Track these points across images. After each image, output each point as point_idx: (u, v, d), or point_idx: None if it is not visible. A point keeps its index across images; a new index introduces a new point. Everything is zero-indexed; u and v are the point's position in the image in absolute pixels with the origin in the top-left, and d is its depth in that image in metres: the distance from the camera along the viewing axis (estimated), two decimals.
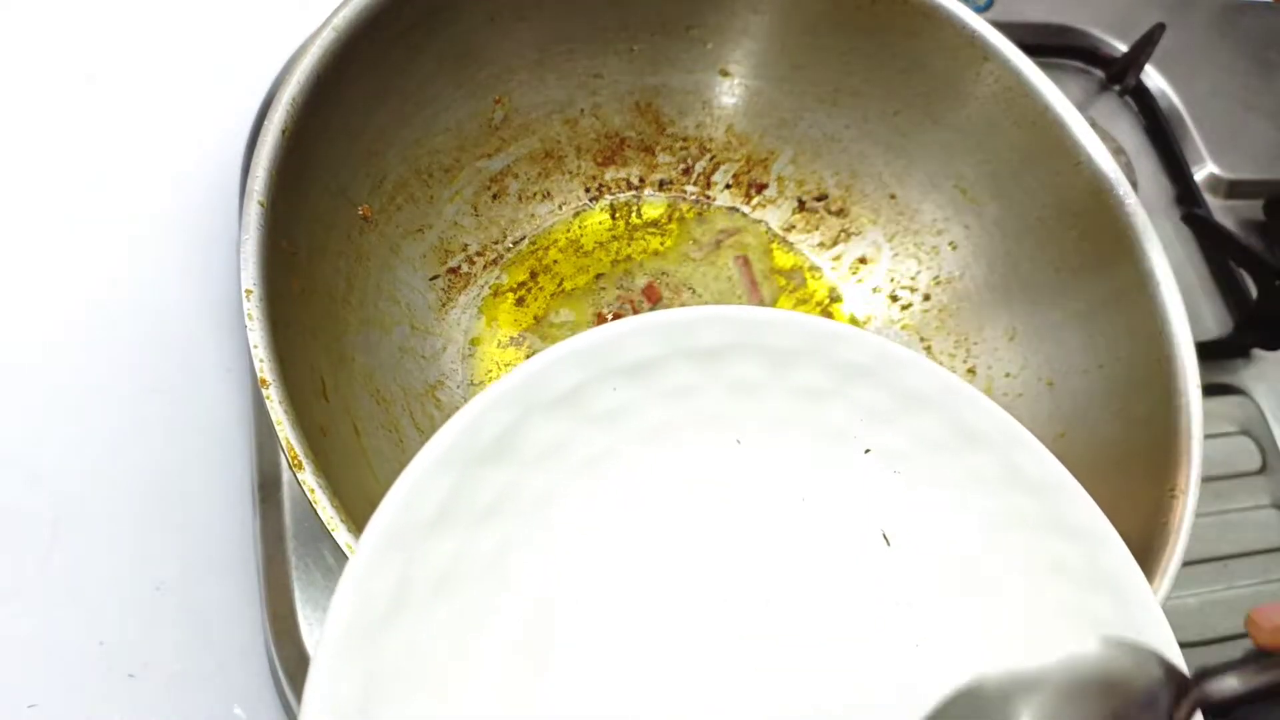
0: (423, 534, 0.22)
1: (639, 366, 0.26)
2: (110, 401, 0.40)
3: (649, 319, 0.26)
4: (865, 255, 0.47)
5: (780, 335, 0.27)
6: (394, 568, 0.21)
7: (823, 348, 0.27)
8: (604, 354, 0.26)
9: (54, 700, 0.34)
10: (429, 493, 0.23)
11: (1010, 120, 0.42)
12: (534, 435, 0.25)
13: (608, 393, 0.26)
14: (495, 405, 0.24)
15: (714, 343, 0.27)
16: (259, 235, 0.30)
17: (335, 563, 0.36)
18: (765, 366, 0.27)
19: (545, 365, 0.25)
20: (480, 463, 0.24)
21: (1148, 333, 0.37)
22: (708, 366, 0.27)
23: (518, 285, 0.44)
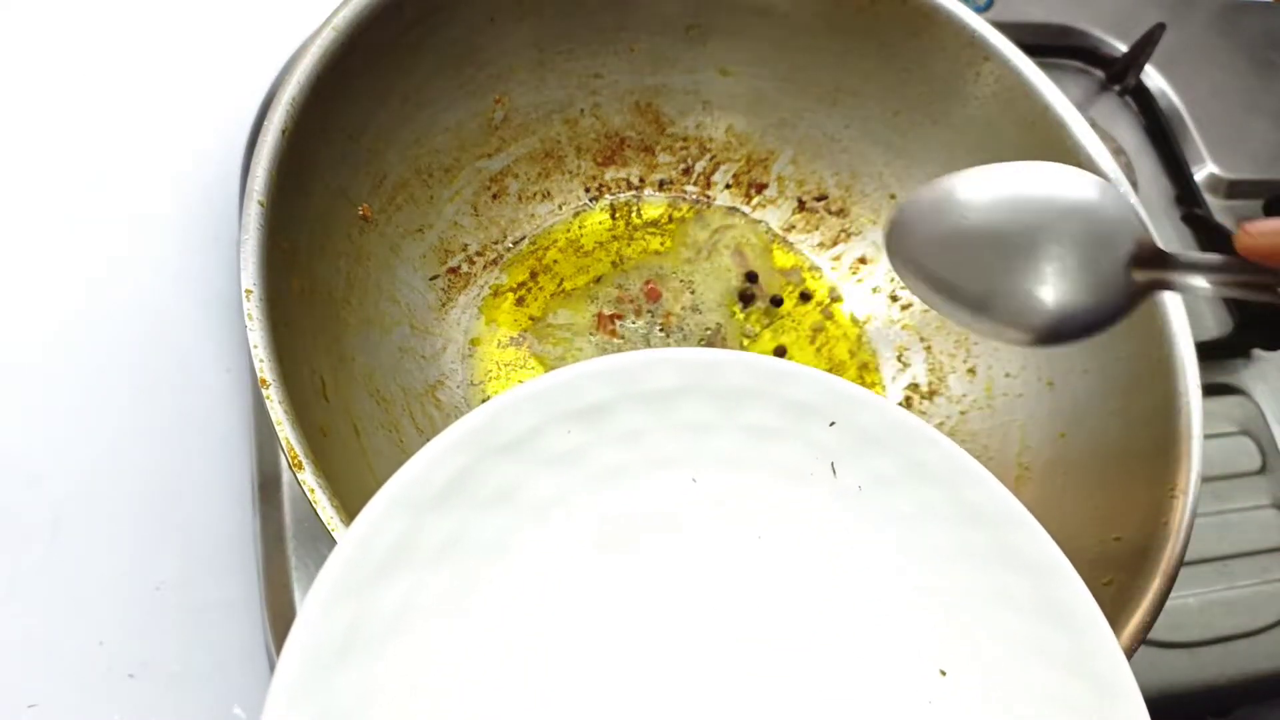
0: (372, 578, 0.23)
1: (592, 410, 0.26)
2: (110, 401, 0.40)
3: (599, 364, 0.27)
4: (865, 255, 0.47)
5: (729, 376, 0.27)
6: (346, 612, 0.22)
7: (771, 388, 0.28)
8: (558, 398, 0.26)
9: (54, 700, 0.34)
10: (380, 537, 0.23)
11: (1010, 120, 0.42)
12: (488, 478, 0.25)
13: (562, 435, 0.26)
14: (449, 450, 0.24)
15: (665, 386, 0.27)
16: (259, 235, 0.30)
17: None
18: (716, 408, 0.27)
19: (499, 409, 0.25)
20: (434, 505, 0.24)
21: (1148, 333, 0.37)
22: (659, 408, 0.27)
23: (518, 285, 0.44)
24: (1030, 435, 0.40)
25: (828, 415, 0.28)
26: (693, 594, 0.26)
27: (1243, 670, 0.44)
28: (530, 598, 0.25)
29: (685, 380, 0.27)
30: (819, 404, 0.28)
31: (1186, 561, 0.32)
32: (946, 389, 0.44)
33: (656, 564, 0.26)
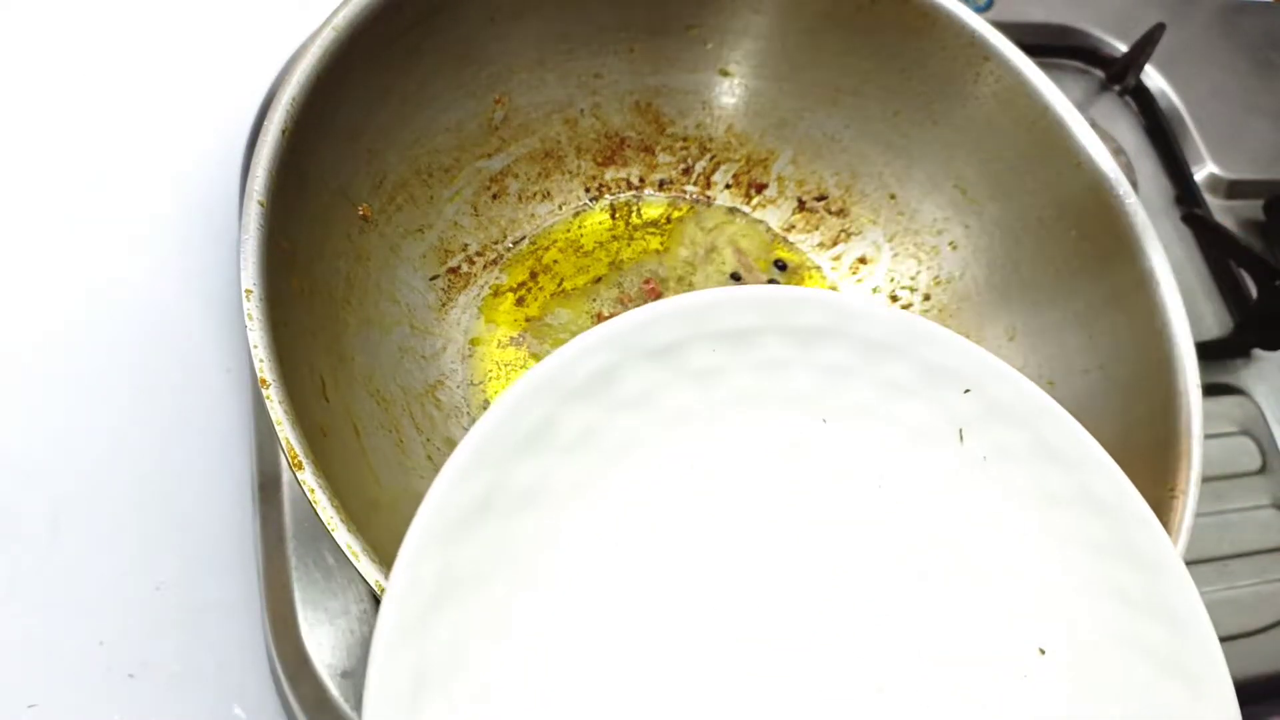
0: (511, 453, 0.23)
1: (739, 334, 0.27)
2: (110, 401, 0.40)
3: (753, 292, 0.27)
4: (865, 255, 0.47)
5: (873, 329, 0.28)
6: (482, 480, 0.23)
7: (912, 347, 0.28)
8: (708, 316, 0.26)
9: (54, 700, 0.34)
10: (523, 417, 0.24)
11: (1010, 120, 0.42)
12: (631, 380, 0.26)
13: (707, 354, 0.26)
14: (599, 345, 0.25)
15: (813, 323, 0.27)
16: (259, 235, 0.30)
17: (335, 563, 0.37)
18: (860, 356, 0.28)
19: (654, 317, 0.26)
20: (576, 396, 0.25)
21: (1148, 333, 0.37)
22: (803, 346, 0.27)
23: (518, 285, 0.44)
24: None
25: (965, 382, 0.28)
26: (807, 532, 0.27)
27: (1243, 670, 0.44)
28: (655, 497, 0.26)
29: (831, 322, 0.27)
30: (958, 369, 0.28)
31: (1186, 561, 0.32)
32: None
33: (777, 495, 0.27)
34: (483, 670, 0.22)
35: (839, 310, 0.28)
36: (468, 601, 0.23)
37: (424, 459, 0.36)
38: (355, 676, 0.35)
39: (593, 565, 0.25)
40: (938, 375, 0.28)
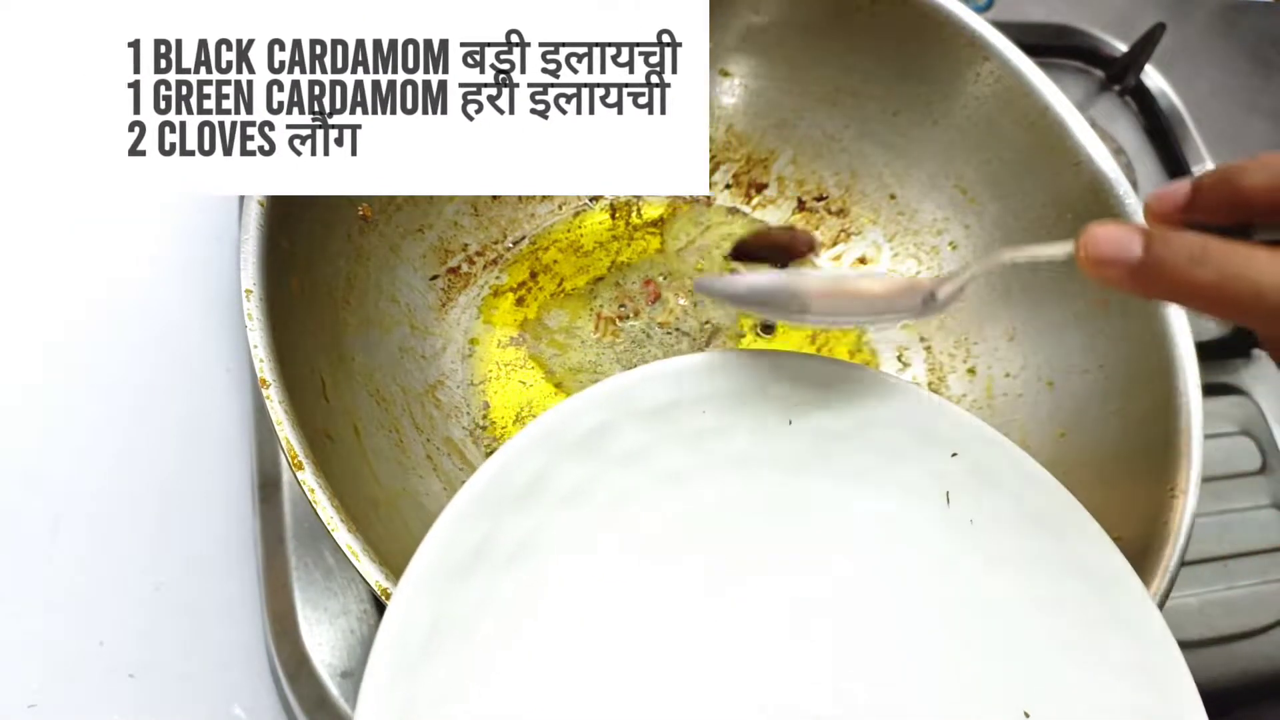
0: (507, 506, 0.24)
1: (732, 396, 0.28)
2: (110, 401, 0.40)
3: (726, 359, 0.28)
4: (865, 255, 0.47)
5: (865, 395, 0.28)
6: (479, 529, 0.24)
7: (904, 411, 0.28)
8: (700, 380, 0.27)
9: (54, 700, 0.34)
10: (519, 471, 0.25)
11: (1010, 120, 0.42)
12: (622, 439, 0.26)
13: (698, 416, 0.27)
14: (592, 405, 0.26)
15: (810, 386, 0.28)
16: (259, 235, 0.30)
17: (335, 563, 0.37)
18: (850, 420, 0.28)
19: (645, 378, 0.27)
20: (570, 453, 0.25)
21: (1148, 333, 0.37)
22: (797, 410, 0.28)
23: (517, 285, 0.44)
24: (1030, 435, 0.40)
25: (952, 446, 0.28)
26: (794, 591, 0.27)
27: (1243, 670, 0.44)
28: (642, 553, 0.26)
29: (824, 388, 0.28)
30: (949, 435, 0.28)
31: (1186, 561, 0.32)
32: (946, 389, 0.44)
33: (765, 554, 0.27)
34: (470, 713, 0.23)
35: (820, 368, 0.28)
36: (458, 647, 0.23)
37: (424, 459, 0.36)
38: (355, 676, 0.35)
39: (578, 616, 0.25)
40: (928, 438, 0.28)
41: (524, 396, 0.41)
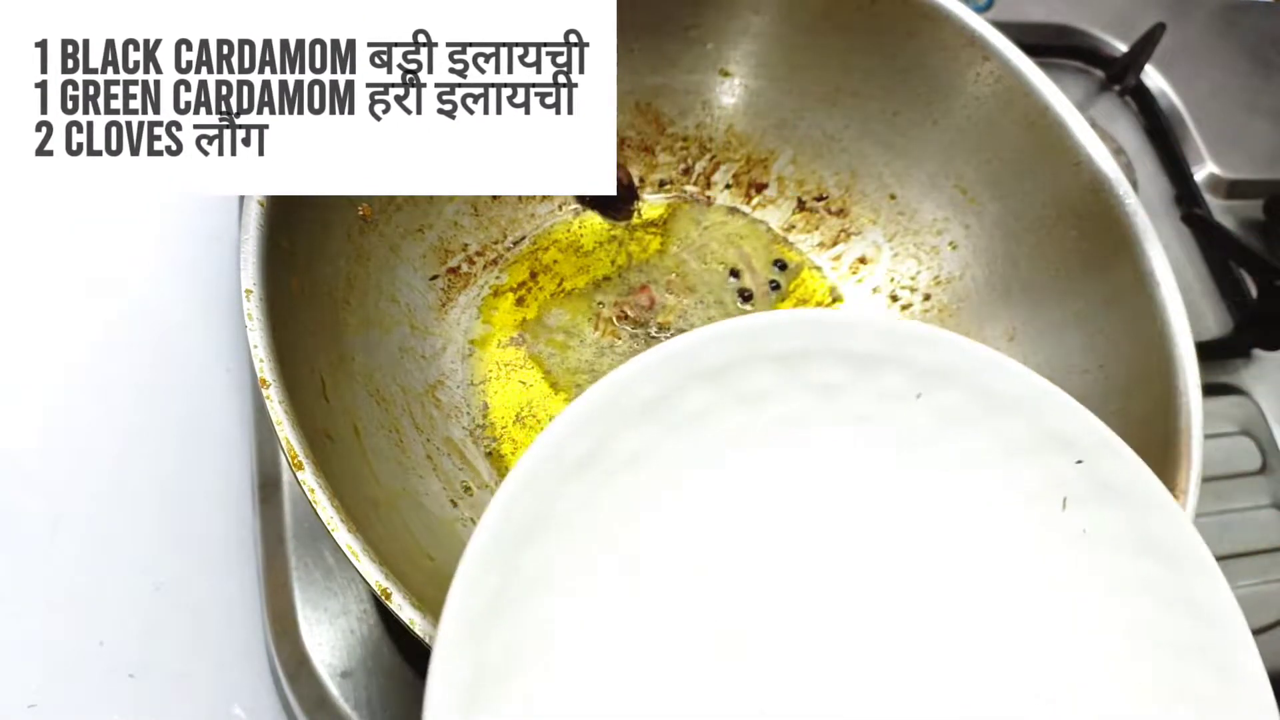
0: (564, 477, 0.24)
1: (786, 356, 0.27)
2: (110, 401, 0.40)
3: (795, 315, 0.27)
4: (865, 255, 0.47)
5: (997, 379, 0.28)
6: (534, 500, 0.24)
7: (1034, 412, 0.28)
8: (767, 338, 0.27)
9: (54, 700, 0.34)
10: (578, 440, 0.24)
11: (1010, 120, 0.42)
12: (685, 401, 0.26)
13: (763, 375, 0.27)
14: (653, 368, 0.25)
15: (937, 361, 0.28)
16: (259, 235, 0.30)
17: (335, 563, 0.36)
18: (979, 405, 0.28)
19: (702, 341, 0.26)
20: (633, 419, 0.25)
21: (1148, 333, 0.37)
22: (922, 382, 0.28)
23: (518, 285, 0.44)
24: None
25: (1079, 452, 0.27)
26: (872, 573, 0.27)
27: None
28: (759, 475, 0.26)
29: (954, 362, 0.28)
30: (1076, 438, 0.28)
31: None
32: None
33: (843, 533, 0.27)
34: (531, 676, 0.23)
35: (963, 351, 0.28)
36: (520, 612, 0.23)
37: (424, 459, 0.36)
38: (355, 676, 0.35)
39: (682, 534, 0.25)
40: (1058, 442, 0.28)
41: (524, 397, 0.41)
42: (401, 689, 0.35)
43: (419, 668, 0.35)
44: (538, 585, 0.23)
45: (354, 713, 0.34)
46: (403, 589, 0.25)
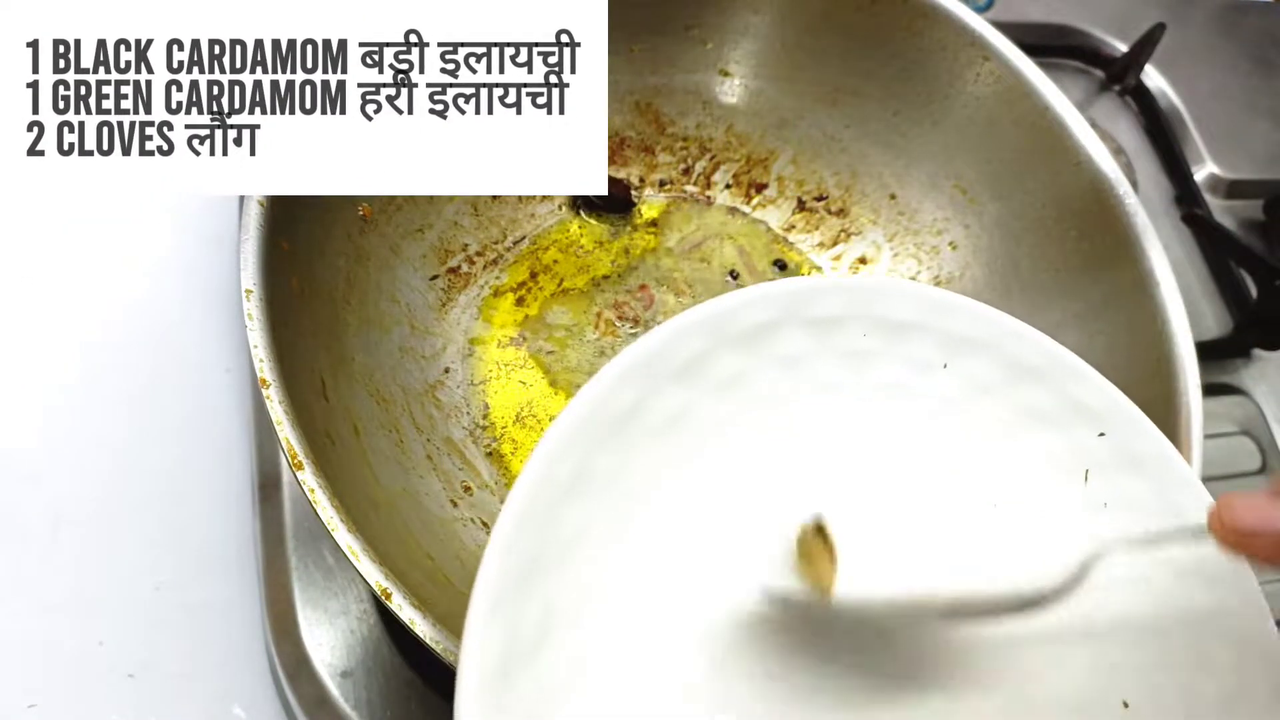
0: (603, 437, 0.24)
1: (822, 321, 0.27)
2: (110, 401, 0.40)
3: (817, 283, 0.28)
4: (865, 255, 0.47)
5: (1022, 346, 0.28)
6: (572, 459, 0.24)
7: (1059, 377, 0.28)
8: (796, 303, 0.27)
9: (54, 700, 0.34)
10: (617, 399, 0.24)
11: (1010, 120, 0.42)
12: (721, 365, 0.26)
13: (795, 339, 0.27)
14: (691, 329, 0.26)
15: (967, 332, 0.28)
16: (259, 235, 0.30)
17: (335, 563, 0.36)
18: (1003, 373, 0.28)
19: (744, 302, 0.26)
20: (671, 378, 0.25)
21: (1148, 333, 0.37)
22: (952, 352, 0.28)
23: (517, 285, 0.44)
24: None
25: (1102, 424, 0.28)
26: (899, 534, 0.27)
27: None
28: (789, 441, 0.27)
29: (983, 334, 0.28)
30: (1099, 410, 0.28)
31: None
32: None
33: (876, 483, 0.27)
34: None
35: (990, 322, 0.28)
36: (555, 577, 0.23)
37: (424, 459, 0.36)
38: (355, 676, 0.35)
39: (718, 491, 0.25)
40: (1079, 412, 0.28)
41: (524, 396, 0.41)
42: (401, 689, 0.35)
43: (419, 668, 0.35)
44: (574, 548, 0.23)
45: (354, 713, 0.34)
46: (403, 589, 0.25)
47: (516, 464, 0.39)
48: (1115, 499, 0.27)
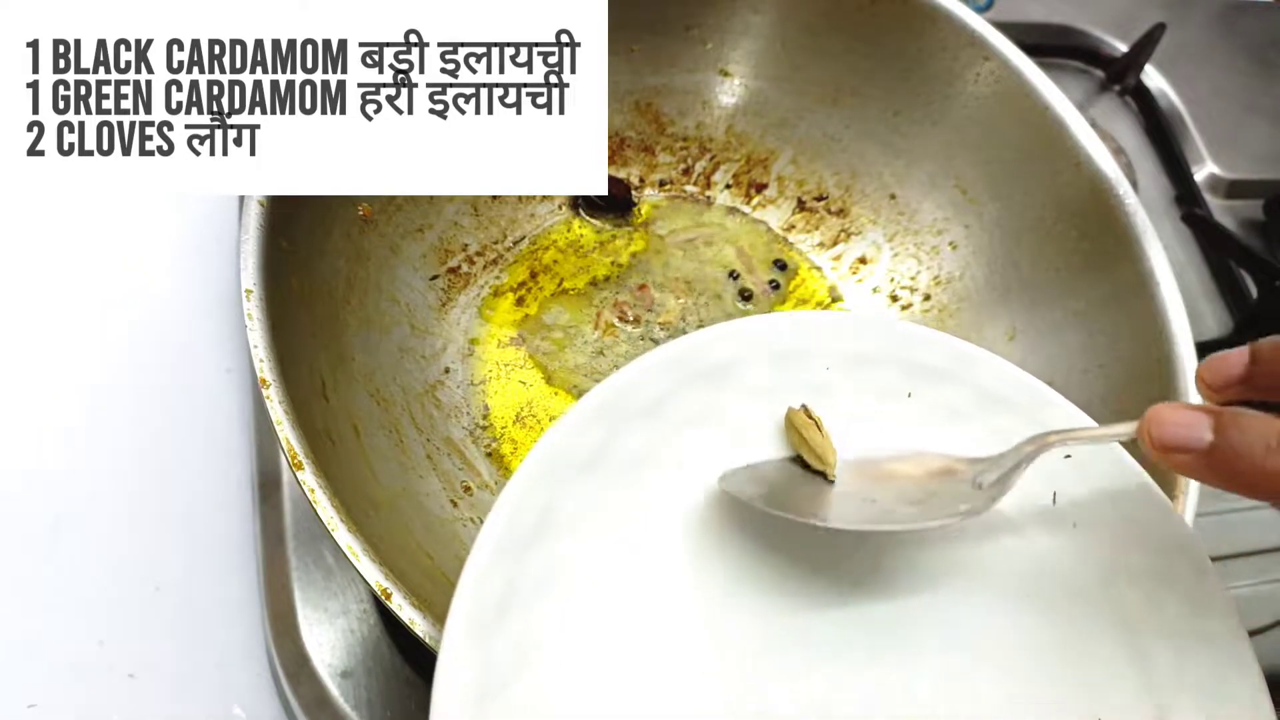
0: (570, 475, 0.25)
1: (788, 354, 0.28)
2: (110, 401, 0.40)
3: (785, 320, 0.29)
4: (865, 255, 0.47)
5: (987, 374, 0.29)
6: (539, 499, 0.24)
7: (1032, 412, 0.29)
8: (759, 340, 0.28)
9: (54, 700, 0.34)
10: (582, 439, 0.25)
11: (1010, 120, 0.42)
12: (686, 402, 0.27)
13: (761, 371, 0.28)
14: (656, 369, 0.26)
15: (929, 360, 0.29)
16: (259, 235, 0.30)
17: (335, 563, 0.36)
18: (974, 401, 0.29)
19: (704, 343, 0.27)
20: (634, 417, 0.26)
21: (1148, 333, 0.37)
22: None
23: (517, 285, 0.44)
24: None
25: (1069, 448, 0.28)
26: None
27: None
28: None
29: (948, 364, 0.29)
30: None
31: None
32: None
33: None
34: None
35: (957, 354, 0.29)
36: (529, 610, 0.23)
37: (424, 459, 0.36)
38: (355, 676, 0.35)
39: (684, 527, 0.26)
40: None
41: (524, 396, 0.41)
42: (401, 689, 0.35)
43: (419, 668, 0.35)
44: (547, 583, 0.24)
45: (354, 713, 0.34)
46: (403, 589, 0.25)
47: (516, 464, 0.39)
48: (1082, 520, 0.28)
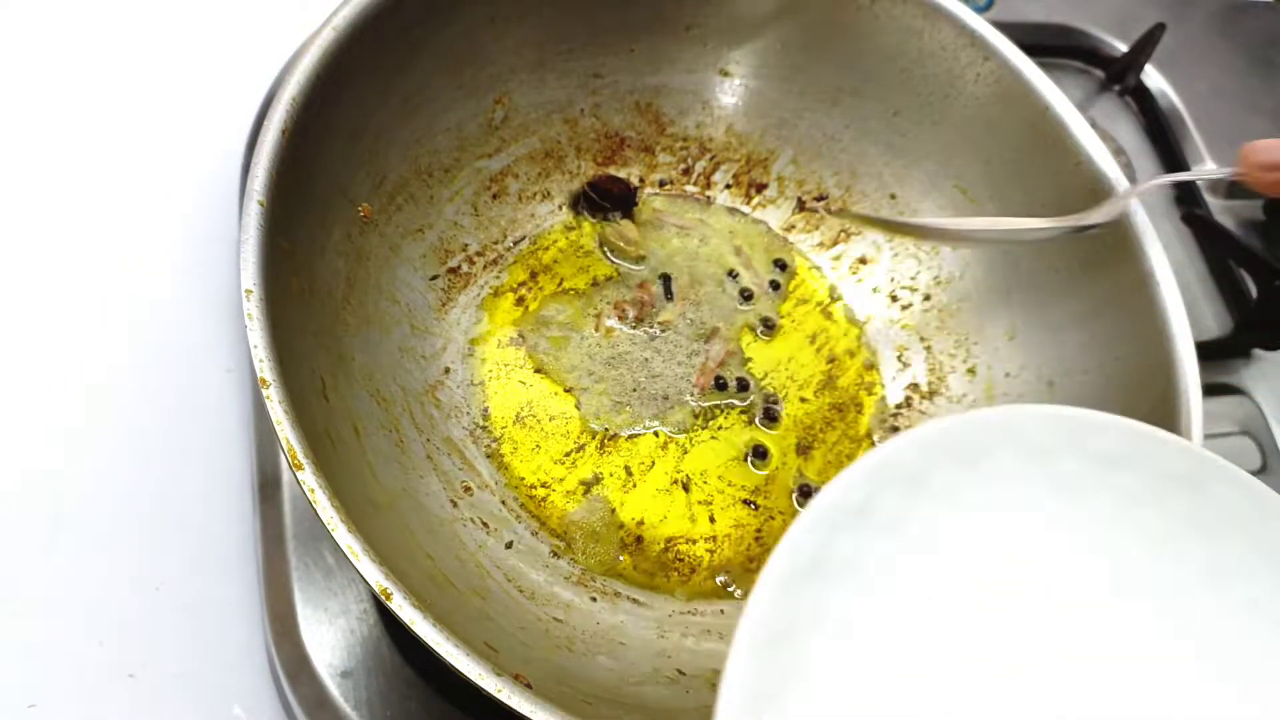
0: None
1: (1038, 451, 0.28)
2: (110, 401, 0.40)
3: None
4: (865, 255, 0.47)
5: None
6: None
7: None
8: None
9: (54, 700, 0.34)
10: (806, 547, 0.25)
11: (1010, 120, 0.42)
12: (938, 479, 0.27)
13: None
14: (921, 446, 0.27)
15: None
16: (259, 235, 0.30)
17: (335, 563, 0.36)
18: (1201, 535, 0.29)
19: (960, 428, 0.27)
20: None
21: (1148, 333, 0.37)
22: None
23: (517, 285, 0.44)
24: None
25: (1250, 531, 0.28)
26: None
27: None
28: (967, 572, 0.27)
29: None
30: (1246, 520, 0.29)
31: None
32: (946, 389, 0.44)
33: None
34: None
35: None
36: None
37: (424, 459, 0.36)
38: (355, 676, 0.35)
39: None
40: (1226, 522, 0.28)
41: (524, 396, 0.41)
42: (401, 689, 0.35)
43: (419, 668, 0.35)
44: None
45: (354, 713, 0.34)
46: (403, 589, 0.25)
47: (516, 464, 0.39)
48: (1264, 595, 0.28)
